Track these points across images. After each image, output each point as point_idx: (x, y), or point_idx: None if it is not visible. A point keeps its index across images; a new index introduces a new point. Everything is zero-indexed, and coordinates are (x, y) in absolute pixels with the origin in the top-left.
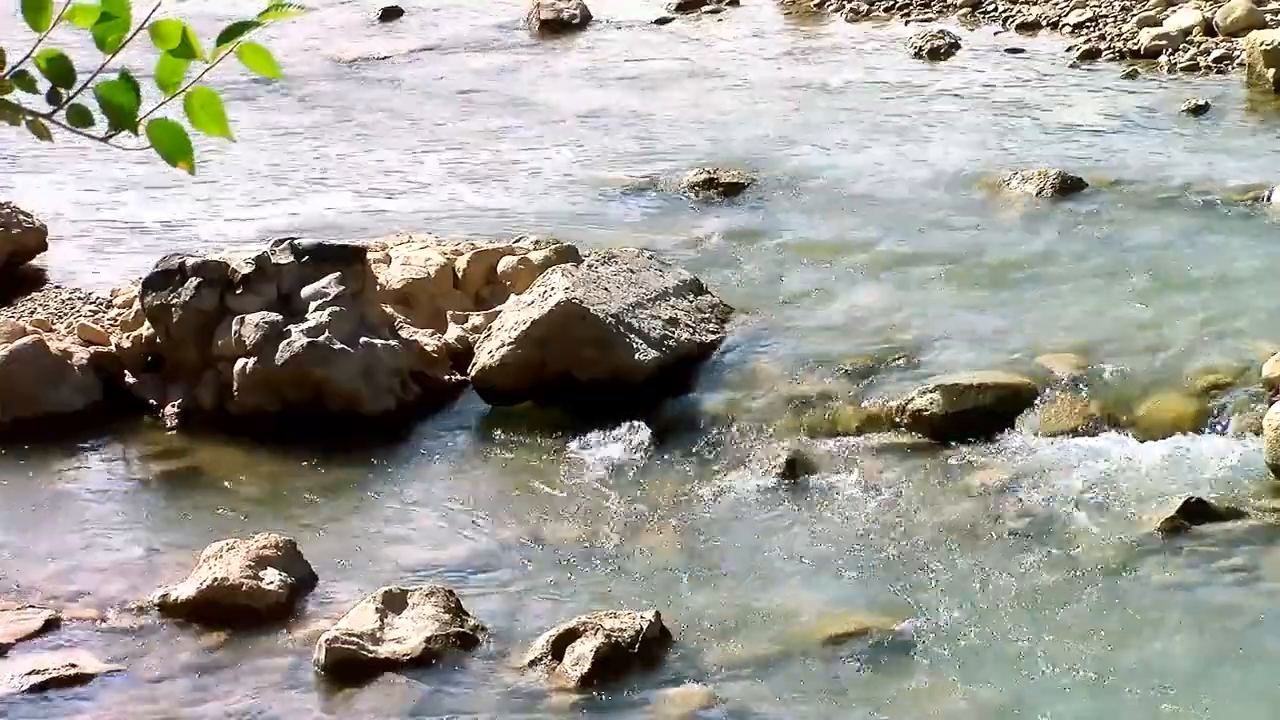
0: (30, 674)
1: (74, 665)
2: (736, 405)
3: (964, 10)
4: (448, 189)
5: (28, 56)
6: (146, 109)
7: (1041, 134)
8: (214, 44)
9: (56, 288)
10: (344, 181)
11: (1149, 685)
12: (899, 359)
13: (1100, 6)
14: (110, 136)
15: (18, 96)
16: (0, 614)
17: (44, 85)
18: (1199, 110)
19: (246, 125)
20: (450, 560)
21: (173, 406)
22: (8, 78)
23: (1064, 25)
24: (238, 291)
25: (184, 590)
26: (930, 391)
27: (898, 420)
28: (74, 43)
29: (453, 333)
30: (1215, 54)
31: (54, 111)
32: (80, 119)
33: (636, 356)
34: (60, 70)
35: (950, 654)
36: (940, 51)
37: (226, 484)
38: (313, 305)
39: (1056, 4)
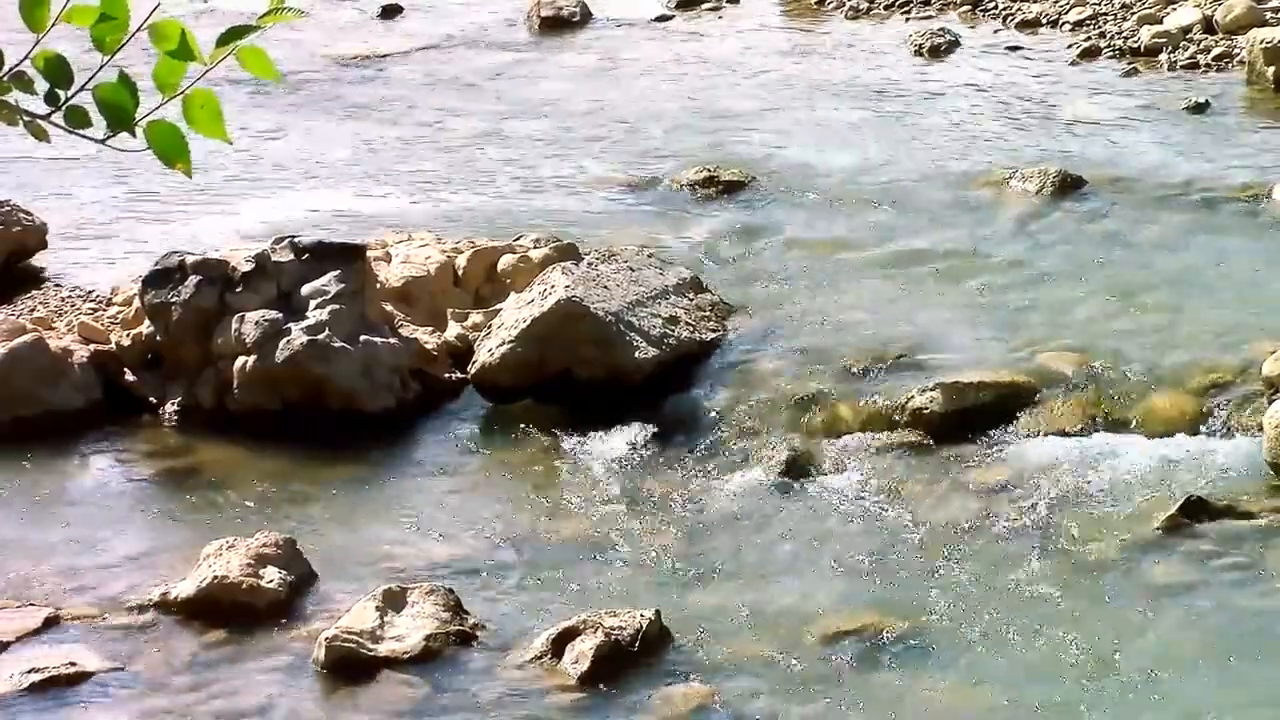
0: (30, 672)
1: (74, 663)
2: (736, 404)
3: (964, 8)
4: (448, 187)
5: (26, 57)
6: (147, 110)
7: (1041, 132)
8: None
9: (56, 286)
10: (344, 179)
11: (1149, 683)
12: (899, 358)
13: (1100, 4)
14: (108, 138)
15: (16, 97)
16: (0, 611)
17: (42, 86)
18: (1199, 108)
19: (246, 124)
20: (450, 558)
21: (172, 404)
22: (6, 78)
23: (1064, 23)
24: (238, 289)
25: (184, 588)
26: (930, 390)
27: (898, 419)
28: (73, 43)
29: (452, 331)
30: (1215, 52)
31: (52, 113)
32: (78, 120)
33: (636, 355)
34: (58, 71)
35: (950, 652)
36: (940, 49)
37: (226, 482)
38: (313, 303)
39: (1057, 2)
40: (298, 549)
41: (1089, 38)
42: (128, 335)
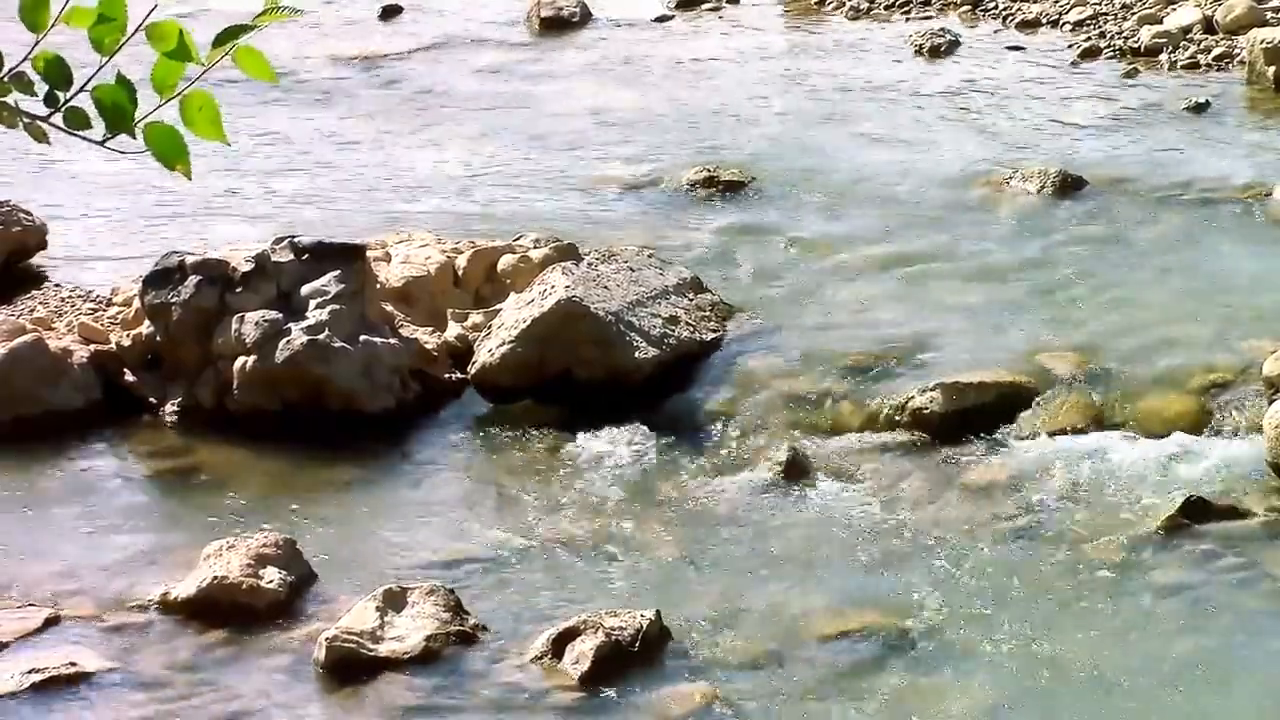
0: (30, 672)
1: (74, 663)
2: (736, 404)
3: (964, 8)
4: (448, 187)
5: (25, 58)
6: (146, 111)
7: (1042, 132)
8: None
9: (56, 286)
10: (344, 179)
11: (1149, 684)
12: (899, 358)
13: (1101, 4)
14: (107, 140)
15: (15, 99)
16: (0, 612)
17: (42, 88)
18: (1199, 108)
19: (246, 123)
20: (450, 559)
21: (172, 405)
22: (5, 80)
23: (1064, 23)
24: (238, 290)
25: (184, 588)
26: (930, 390)
27: (897, 419)
28: (70, 44)
29: (453, 331)
30: (1216, 52)
31: (51, 114)
32: (77, 121)
33: (636, 355)
34: (57, 73)
35: (950, 652)
36: (940, 49)
37: (226, 483)
38: (312, 303)
39: (1057, 2)
40: (298, 549)
41: (1089, 38)
42: (128, 335)
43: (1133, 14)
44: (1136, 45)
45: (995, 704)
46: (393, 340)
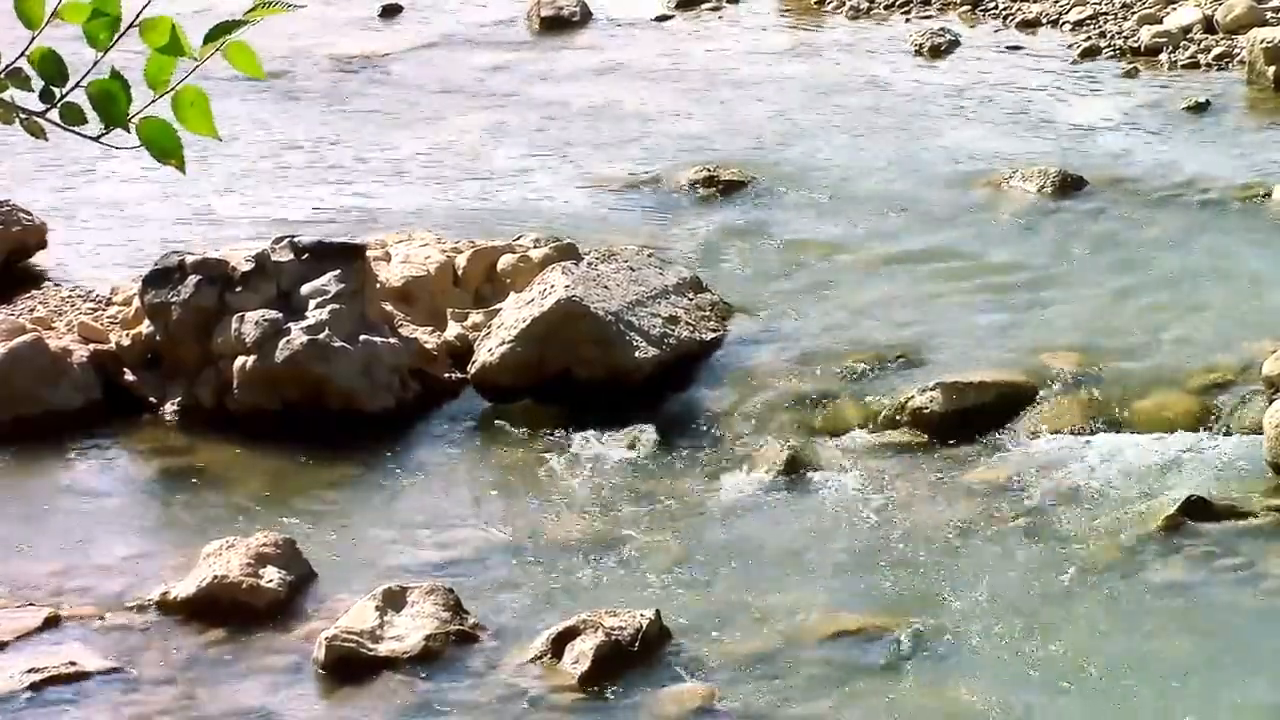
0: (30, 671)
1: (73, 663)
2: (736, 403)
3: (964, 8)
4: (447, 186)
5: (21, 54)
6: (140, 106)
7: (1042, 132)
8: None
9: (56, 285)
10: (344, 179)
11: (1149, 684)
12: (899, 357)
13: (1101, 4)
14: (102, 135)
15: (11, 94)
16: (0, 611)
17: (37, 83)
18: (1199, 108)
19: (246, 122)
20: (450, 558)
21: (172, 404)
22: (1, 76)
23: (1064, 22)
24: (237, 289)
25: (183, 588)
26: (930, 390)
27: (898, 419)
28: (66, 40)
29: (452, 331)
30: (1216, 51)
31: (47, 110)
32: (73, 117)
33: (636, 354)
34: (53, 68)
35: (950, 653)
36: (940, 49)
37: (226, 482)
38: (312, 303)
39: (1057, 1)
40: (298, 549)
41: (1089, 37)
42: (127, 335)
43: (1133, 14)
44: (1136, 45)
45: (995, 704)
46: (393, 340)
